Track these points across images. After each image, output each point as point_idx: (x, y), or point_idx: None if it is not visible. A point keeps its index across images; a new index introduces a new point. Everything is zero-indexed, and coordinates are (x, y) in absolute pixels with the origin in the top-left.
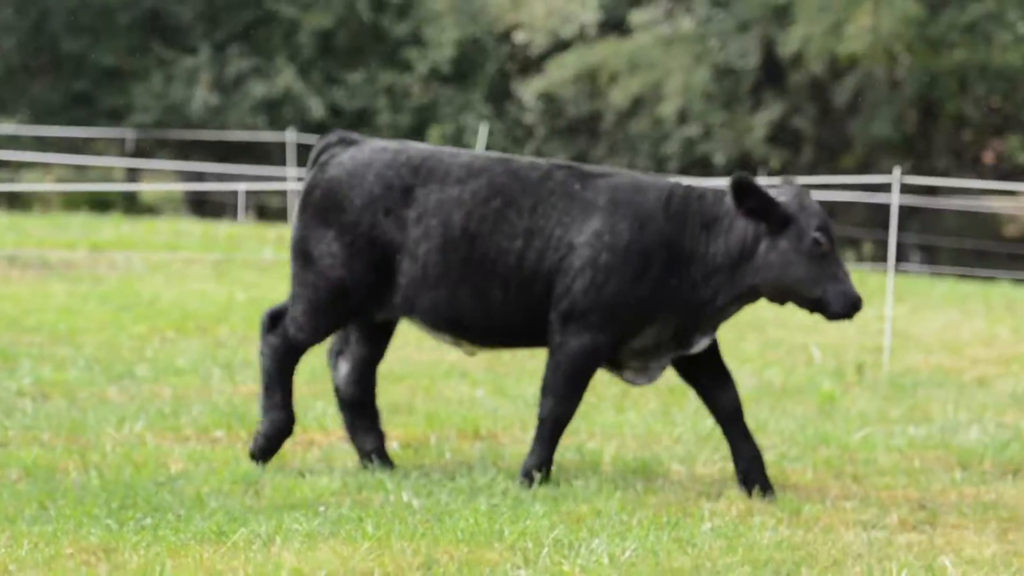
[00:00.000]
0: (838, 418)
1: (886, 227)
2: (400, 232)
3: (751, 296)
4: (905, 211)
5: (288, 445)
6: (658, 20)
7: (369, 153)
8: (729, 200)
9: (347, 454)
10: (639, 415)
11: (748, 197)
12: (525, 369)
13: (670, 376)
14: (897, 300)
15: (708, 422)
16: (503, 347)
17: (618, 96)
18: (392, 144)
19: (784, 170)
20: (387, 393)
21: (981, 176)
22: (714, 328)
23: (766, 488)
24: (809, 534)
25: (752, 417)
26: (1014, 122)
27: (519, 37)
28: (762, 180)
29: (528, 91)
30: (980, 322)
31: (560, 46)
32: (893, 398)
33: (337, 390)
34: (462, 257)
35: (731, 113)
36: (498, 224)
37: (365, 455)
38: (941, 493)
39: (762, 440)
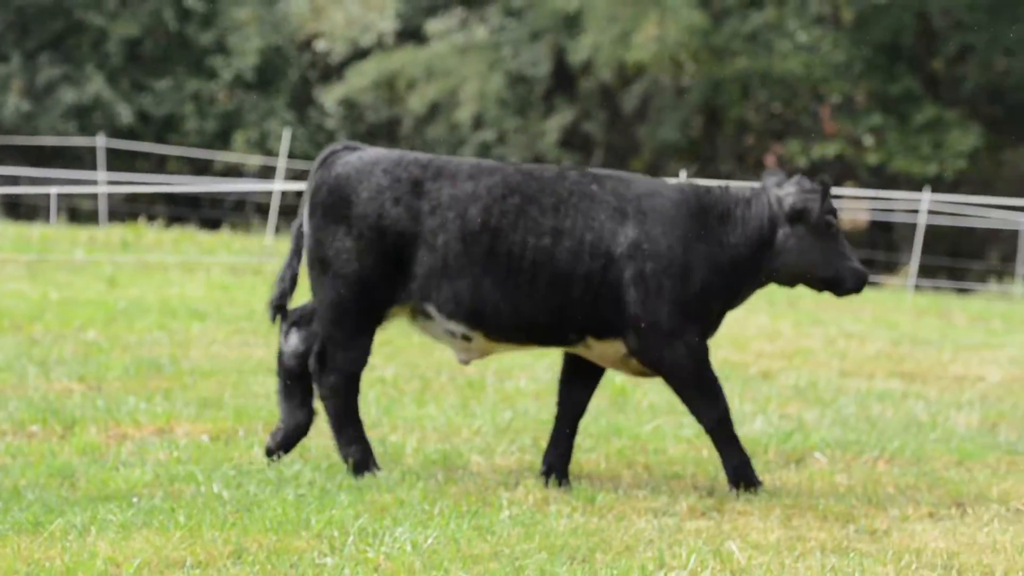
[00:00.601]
0: (630, 410)
1: None
2: (413, 222)
3: (767, 281)
4: None
5: (102, 438)
6: (453, 29)
7: (375, 154)
8: (763, 197)
9: (159, 447)
10: (439, 408)
11: (826, 199)
12: None
13: (468, 370)
14: None
15: (506, 415)
16: (515, 344)
17: (416, 102)
18: (397, 150)
19: None
20: (197, 388)
21: (762, 178)
22: None
23: (563, 479)
24: (603, 521)
25: (547, 410)
26: (794, 127)
27: (320, 45)
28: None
29: (329, 97)
30: (764, 318)
31: (359, 54)
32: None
33: (281, 357)
34: (485, 250)
35: (524, 118)
36: (520, 220)
37: (289, 429)
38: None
39: None
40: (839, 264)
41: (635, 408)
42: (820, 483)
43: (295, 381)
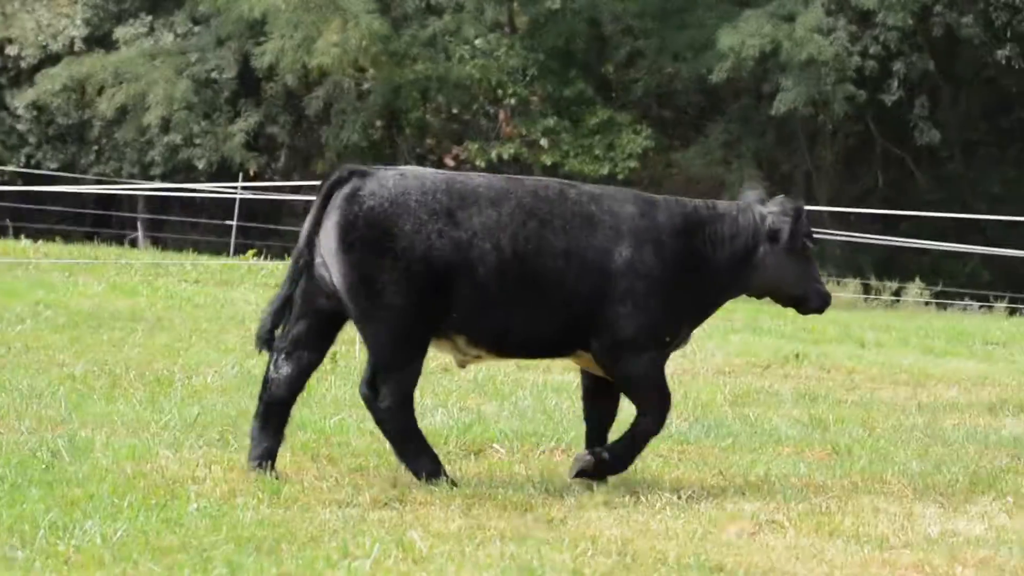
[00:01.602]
0: (315, 405)
1: None
2: (455, 253)
3: (740, 293)
4: None
5: None
6: (141, 35)
7: (394, 183)
8: (748, 213)
9: None
10: (128, 404)
11: (802, 222)
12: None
13: (156, 366)
14: None
15: (194, 410)
16: (517, 358)
17: (105, 106)
18: (404, 170)
19: (262, 175)
20: None
21: None
22: None
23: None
24: (289, 512)
25: (233, 405)
26: (473, 128)
27: (11, 50)
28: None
29: (19, 101)
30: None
31: (50, 59)
32: None
33: (268, 385)
34: (515, 277)
35: (211, 122)
36: (540, 245)
37: (261, 452)
38: (409, 472)
39: (244, 427)
40: (807, 285)
41: (319, 402)
42: (499, 473)
43: (278, 408)
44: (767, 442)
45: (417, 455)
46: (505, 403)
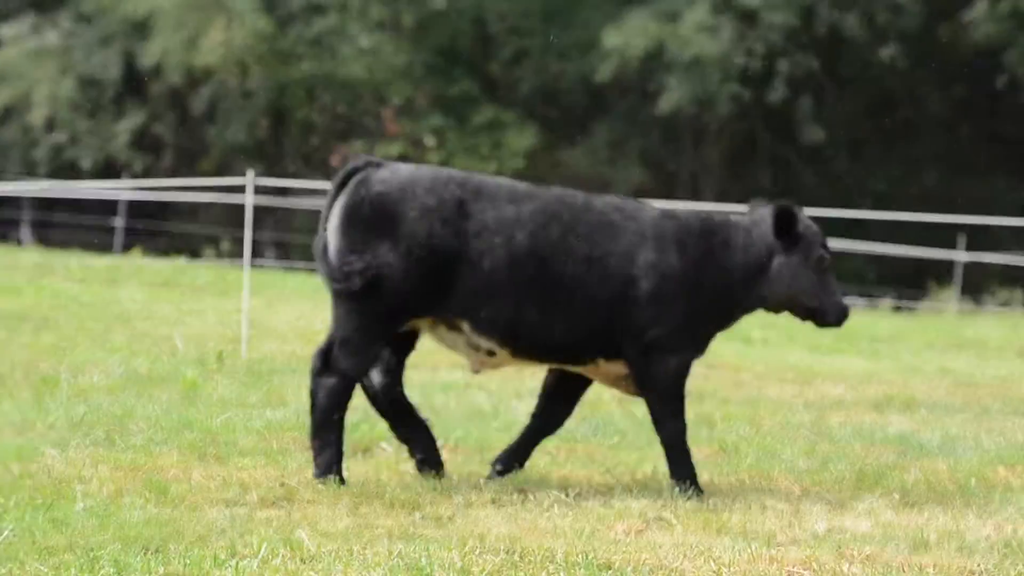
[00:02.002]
0: (201, 404)
1: (243, 225)
2: (459, 242)
3: (757, 306)
4: (259, 211)
5: None
6: (25, 34)
7: (407, 172)
8: (761, 226)
9: None
10: (14, 404)
11: (794, 224)
12: None
13: (42, 367)
14: (254, 293)
15: (80, 409)
16: (535, 362)
17: None
18: (423, 166)
19: (147, 173)
20: None
21: (329, 178)
22: None
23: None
24: (176, 512)
25: (120, 405)
26: (358, 128)
27: None
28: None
29: None
30: (328, 313)
31: None
32: (252, 384)
33: (376, 400)
34: (529, 274)
35: (96, 121)
36: (561, 248)
37: (425, 453)
38: (298, 471)
39: (130, 426)
40: (824, 297)
41: (206, 402)
42: (387, 472)
43: (397, 408)
44: (654, 440)
45: (324, 446)
46: None
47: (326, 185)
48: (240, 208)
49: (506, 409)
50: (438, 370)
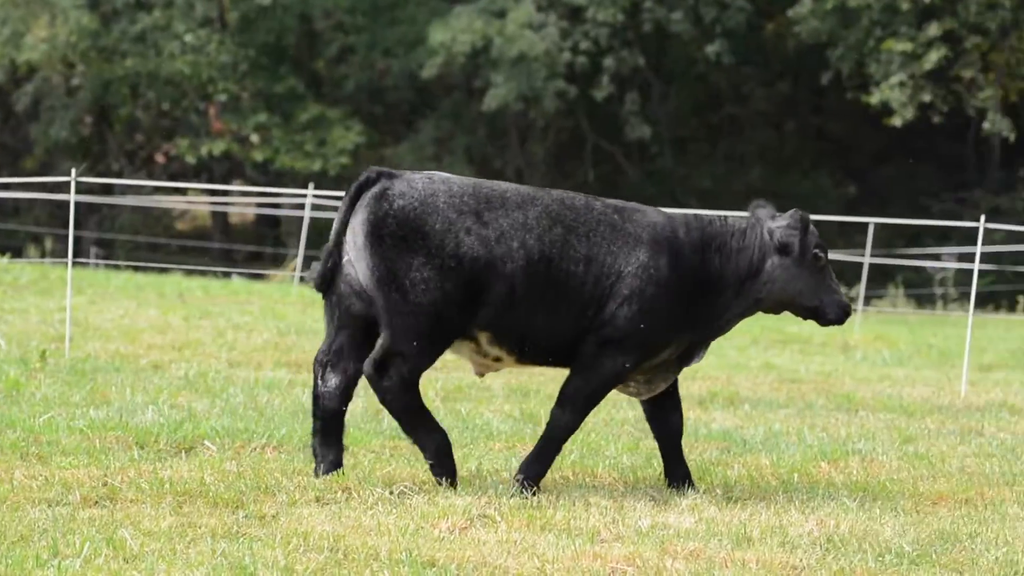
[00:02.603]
0: (23, 403)
1: (66, 224)
2: (485, 250)
3: (753, 309)
4: (83, 209)
5: None
6: None
7: (423, 185)
8: (762, 228)
9: None
10: None
11: (806, 232)
12: None
13: None
14: (77, 292)
15: None
16: (537, 365)
17: None
18: (431, 174)
19: None
20: None
21: (153, 176)
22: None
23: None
24: None
25: None
26: (183, 125)
27: None
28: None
29: None
30: (154, 311)
31: None
32: (74, 383)
33: (319, 400)
34: (542, 279)
35: None
36: (565, 249)
37: (328, 464)
38: (121, 471)
39: None
40: (824, 296)
41: (29, 401)
42: (210, 471)
43: (333, 420)
44: (479, 437)
45: (427, 433)
46: (216, 400)
47: (151, 183)
48: (65, 206)
49: None
50: (262, 368)
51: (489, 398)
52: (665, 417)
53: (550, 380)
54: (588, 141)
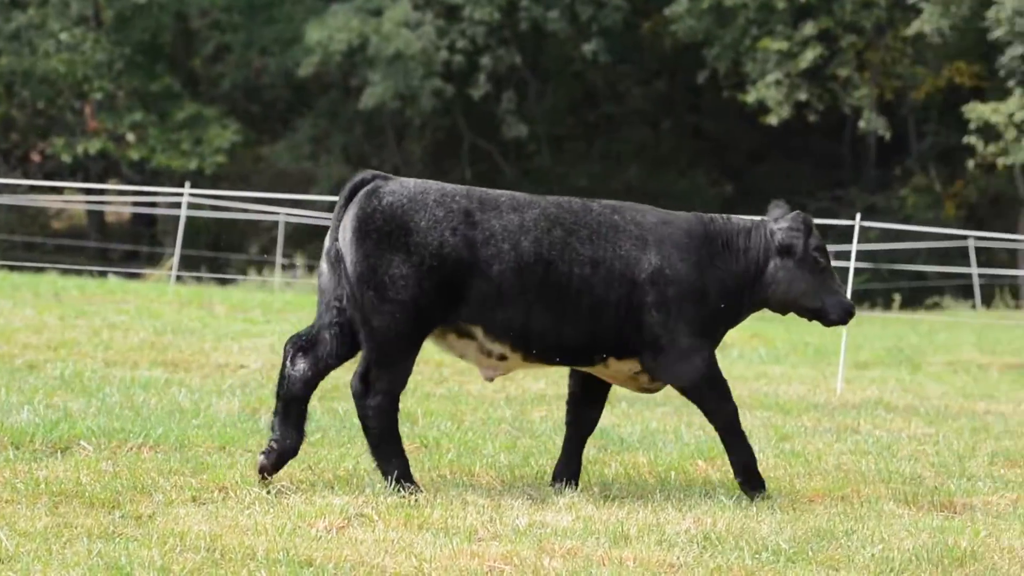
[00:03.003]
0: None
1: None
2: (469, 251)
3: (759, 307)
4: None
5: None
6: None
7: (414, 185)
8: (783, 233)
9: None
10: None
11: (811, 235)
12: None
13: None
14: None
15: None
16: (545, 364)
17: None
18: (428, 180)
19: None
20: None
21: (29, 175)
22: None
23: (575, 484)
24: None
25: None
26: (58, 124)
27: None
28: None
29: None
30: (30, 310)
31: None
32: None
33: (284, 382)
34: (537, 280)
35: None
36: (566, 251)
37: (280, 449)
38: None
39: None
40: (825, 297)
41: None
42: (86, 471)
43: (295, 404)
44: (356, 436)
45: (391, 457)
46: (92, 400)
47: (26, 182)
48: None
49: (206, 406)
50: (137, 368)
51: None
52: (588, 412)
53: (427, 379)
54: (465, 140)
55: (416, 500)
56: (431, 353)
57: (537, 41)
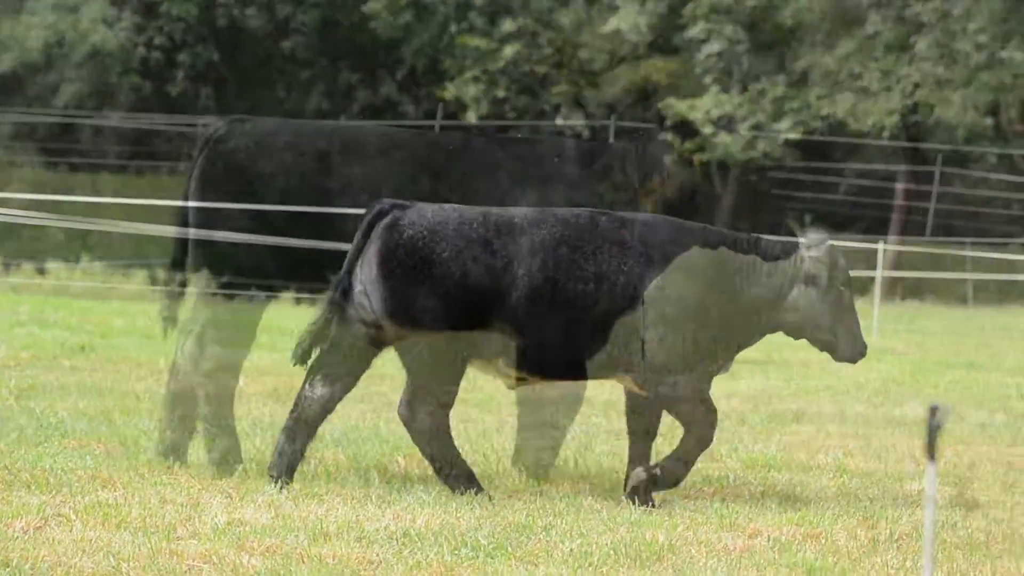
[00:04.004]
0: None
1: None
2: (490, 280)
3: (774, 331)
4: None
5: None
6: None
7: (432, 214)
8: (809, 257)
9: None
10: None
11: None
12: None
13: None
14: None
15: None
16: (561, 380)
17: None
18: (443, 206)
19: None
20: None
21: None
22: None
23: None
24: None
25: None
26: None
27: None
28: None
29: None
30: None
31: None
32: None
33: (300, 402)
34: (548, 302)
35: None
36: (572, 270)
37: (282, 469)
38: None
39: None
40: (840, 333)
41: None
42: None
43: (306, 427)
44: (53, 435)
45: (458, 478)
46: None
47: None
48: None
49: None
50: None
51: (64, 396)
52: (642, 418)
53: (126, 378)
54: (155, 133)
55: (114, 499)
56: (130, 351)
57: (236, 37)
